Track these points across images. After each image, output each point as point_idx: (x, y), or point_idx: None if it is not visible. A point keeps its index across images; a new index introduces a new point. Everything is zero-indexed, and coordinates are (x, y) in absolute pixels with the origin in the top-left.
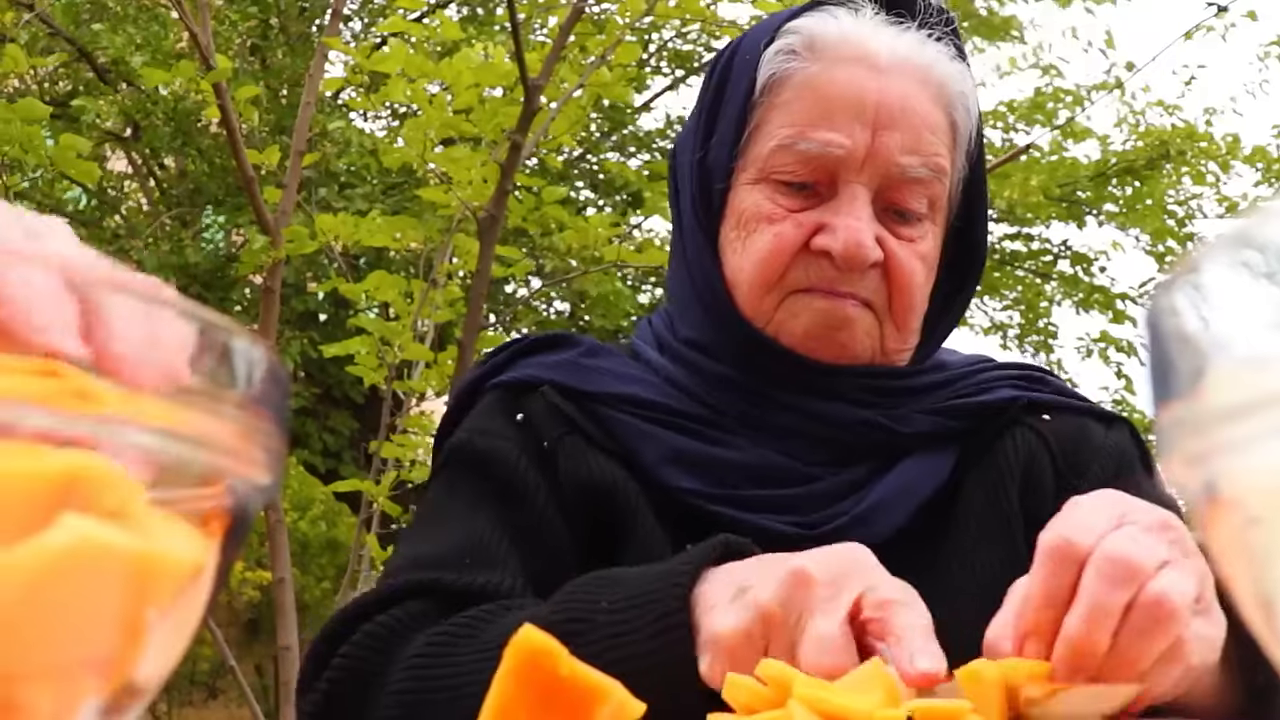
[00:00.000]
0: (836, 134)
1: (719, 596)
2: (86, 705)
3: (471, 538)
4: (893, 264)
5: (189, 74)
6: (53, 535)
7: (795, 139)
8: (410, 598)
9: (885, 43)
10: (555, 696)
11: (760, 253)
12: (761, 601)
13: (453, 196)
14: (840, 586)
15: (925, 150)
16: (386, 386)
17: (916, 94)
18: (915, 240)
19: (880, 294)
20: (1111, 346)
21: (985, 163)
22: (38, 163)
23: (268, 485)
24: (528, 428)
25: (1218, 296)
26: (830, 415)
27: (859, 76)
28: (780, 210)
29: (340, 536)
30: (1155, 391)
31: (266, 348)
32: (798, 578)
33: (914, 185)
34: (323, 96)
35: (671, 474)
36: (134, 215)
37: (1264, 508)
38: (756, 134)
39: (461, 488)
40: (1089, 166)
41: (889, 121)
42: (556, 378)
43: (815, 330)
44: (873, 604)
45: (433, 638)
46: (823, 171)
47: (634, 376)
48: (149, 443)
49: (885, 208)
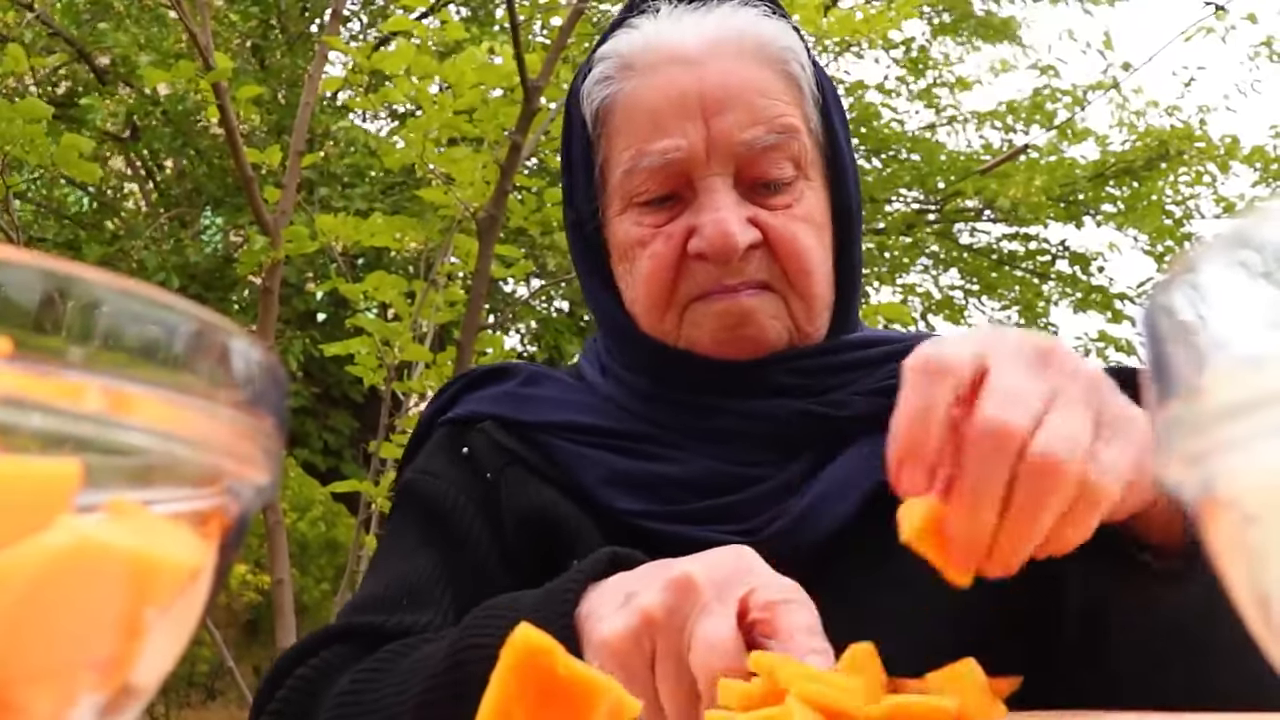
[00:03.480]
0: (670, 139)
1: (605, 605)
2: (85, 706)
3: (410, 578)
4: (772, 237)
5: (189, 74)
6: (51, 536)
7: (636, 158)
8: (339, 641)
9: (690, 32)
10: (553, 695)
11: (644, 277)
12: (645, 606)
13: (452, 197)
14: (724, 588)
15: (765, 116)
16: (386, 387)
17: (738, 67)
18: (791, 205)
19: (772, 271)
20: (1110, 346)
21: (843, 110)
22: (39, 162)
23: (266, 486)
24: (470, 462)
25: (1215, 296)
26: (765, 411)
27: (673, 75)
28: (649, 231)
29: (339, 537)
30: (1153, 390)
31: (265, 348)
32: (681, 582)
33: (769, 154)
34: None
35: (612, 495)
36: (133, 216)
37: (1261, 506)
38: (606, 166)
39: (407, 527)
40: (1087, 167)
41: (717, 106)
42: (496, 410)
43: (721, 333)
44: (759, 605)
45: (355, 675)
46: (675, 178)
47: (573, 402)
48: (147, 443)
49: (751, 185)
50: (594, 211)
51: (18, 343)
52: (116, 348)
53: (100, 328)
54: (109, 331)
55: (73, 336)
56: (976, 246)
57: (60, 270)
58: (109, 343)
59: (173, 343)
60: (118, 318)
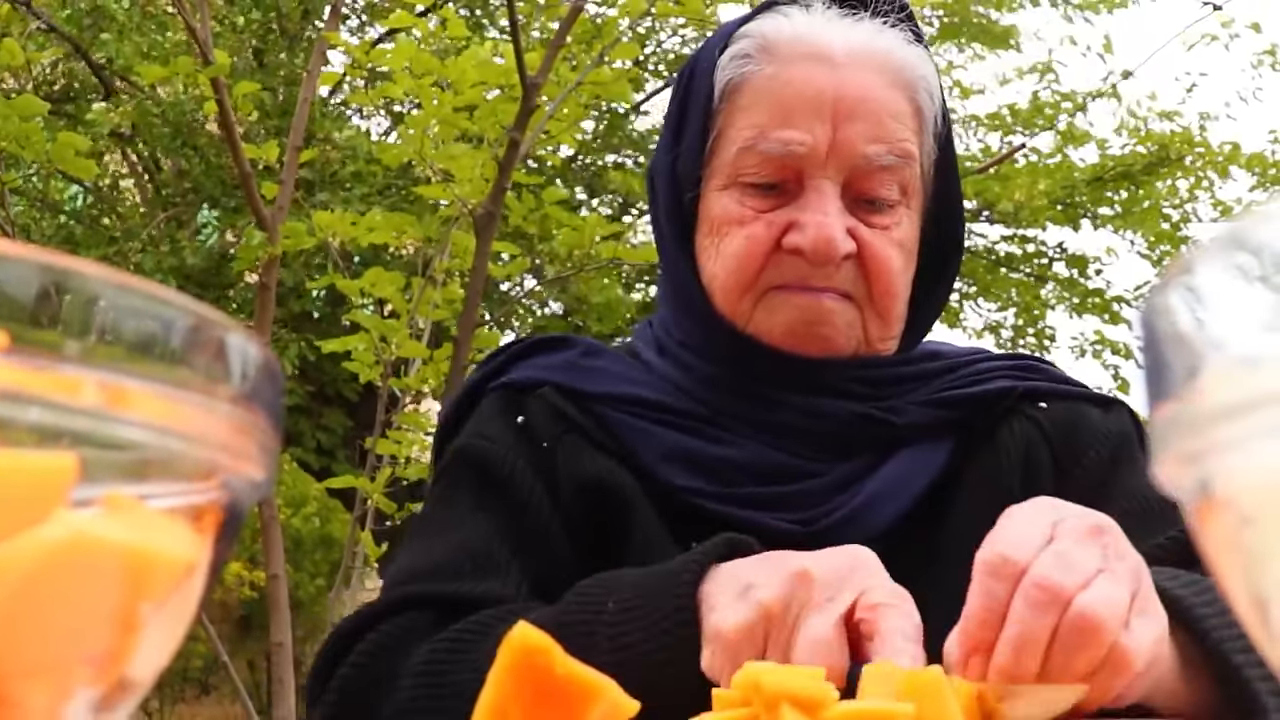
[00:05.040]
0: (796, 132)
1: (724, 594)
2: (80, 700)
3: (472, 544)
4: (867, 254)
5: (187, 69)
6: (47, 530)
7: (757, 141)
8: (410, 609)
9: (838, 36)
10: (550, 695)
11: (733, 255)
12: (765, 600)
13: (451, 193)
14: (839, 587)
15: (889, 137)
16: (383, 383)
17: (875, 83)
18: (890, 228)
19: (858, 284)
20: (1107, 349)
21: (954, 145)
22: (35, 159)
23: (262, 481)
24: (527, 429)
25: (1212, 297)
26: (825, 410)
27: (814, 73)
28: (750, 212)
29: (334, 533)
30: (1150, 391)
31: (261, 344)
32: (800, 577)
33: (882, 173)
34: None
35: (671, 472)
36: (132, 214)
37: (1258, 507)
38: (720, 140)
39: (461, 493)
40: (1086, 170)
41: (848, 114)
42: (556, 378)
43: (795, 326)
44: (866, 606)
45: (437, 644)
46: (788, 170)
47: (633, 377)
48: (143, 438)
49: (856, 198)
50: (696, 180)
51: (14, 337)
52: (113, 342)
53: (97, 322)
54: (106, 326)
55: (69, 331)
56: (974, 249)
57: (57, 264)
58: (106, 337)
59: (169, 338)
60: (115, 312)
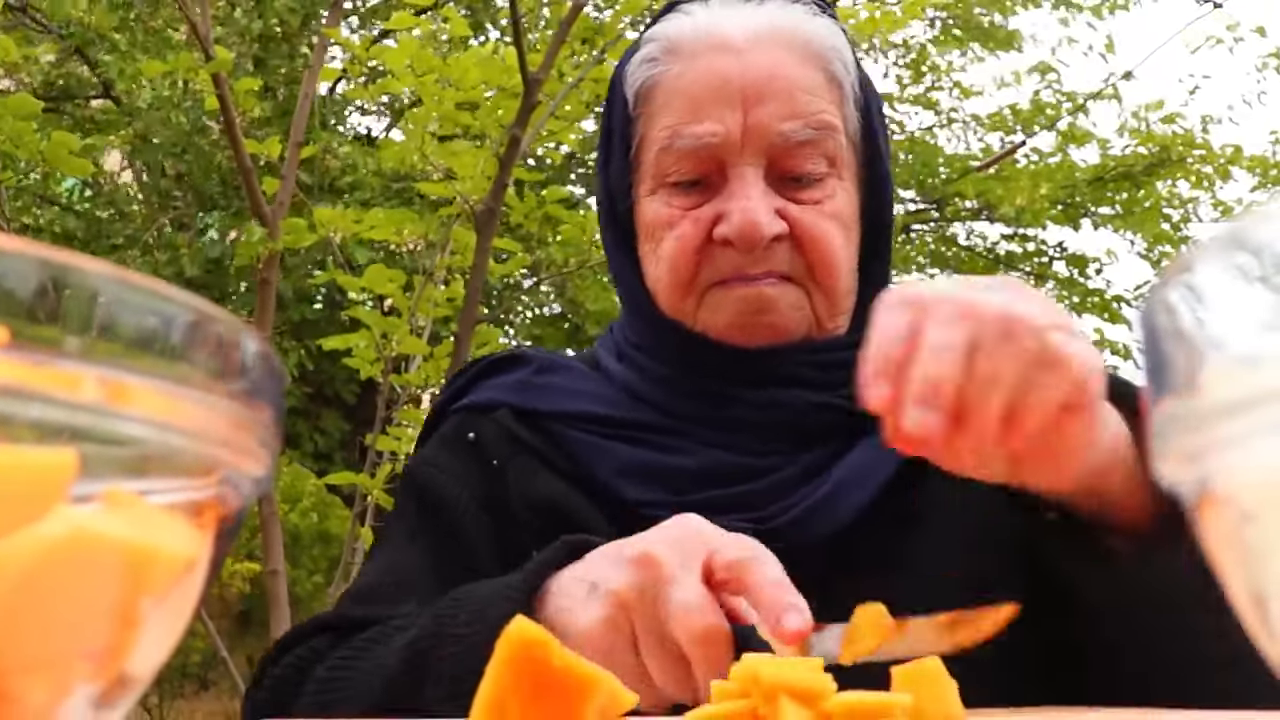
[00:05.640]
0: (708, 124)
1: (573, 598)
2: (80, 696)
3: (400, 570)
4: (799, 231)
5: (188, 64)
6: (47, 526)
7: (672, 140)
8: (325, 631)
9: (740, 22)
10: (548, 687)
11: (667, 258)
12: (614, 589)
13: (452, 190)
14: (686, 554)
15: (803, 112)
16: (384, 380)
17: (783, 61)
18: (821, 201)
19: (796, 264)
20: (1107, 348)
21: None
22: (29, 157)
23: (262, 477)
24: (477, 449)
25: (1212, 296)
26: (780, 400)
27: (718, 62)
28: (677, 212)
29: (332, 529)
30: (1150, 389)
31: (262, 339)
32: (642, 559)
33: (803, 148)
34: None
35: (626, 487)
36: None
37: (1258, 504)
38: (642, 146)
39: (405, 516)
40: (1087, 170)
41: (758, 96)
42: (510, 400)
43: (740, 319)
44: (722, 565)
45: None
46: (709, 163)
47: (587, 391)
48: (143, 434)
49: (782, 178)
50: (627, 189)
51: (14, 332)
52: (113, 338)
53: (97, 318)
54: (106, 321)
55: (70, 326)
56: (974, 248)
57: (57, 260)
58: (106, 333)
59: (170, 333)
60: (115, 308)
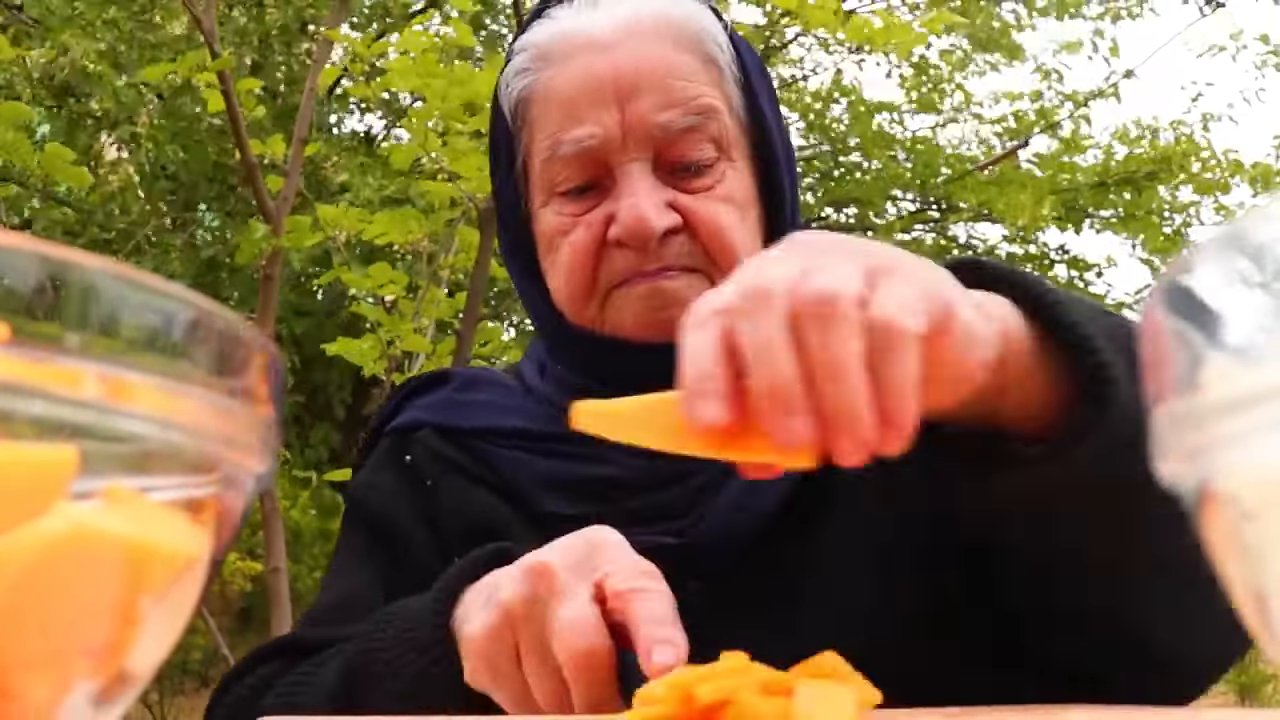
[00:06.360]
0: (585, 126)
1: (474, 604)
2: (80, 693)
3: (350, 592)
4: (693, 220)
5: (191, 64)
6: (48, 523)
7: (554, 148)
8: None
9: (604, 19)
10: None
11: (564, 267)
12: (504, 599)
13: (456, 188)
14: (580, 572)
15: (680, 99)
16: (386, 378)
17: (652, 51)
18: (712, 187)
19: (695, 254)
20: None
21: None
22: (24, 166)
23: (262, 473)
24: (413, 470)
25: (1212, 296)
26: None
27: (588, 62)
28: (569, 220)
29: (333, 527)
30: (1151, 388)
31: (263, 335)
32: (537, 571)
33: (686, 136)
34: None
35: (551, 500)
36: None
37: (1258, 502)
38: (528, 159)
39: (350, 540)
40: (1089, 171)
41: (631, 90)
42: (433, 419)
43: (644, 317)
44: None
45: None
46: (593, 166)
47: (508, 406)
48: (144, 430)
49: (671, 169)
50: (516, 204)
51: (15, 329)
52: (114, 335)
53: (98, 314)
54: (107, 318)
55: (70, 323)
56: (975, 251)
57: (58, 256)
58: (106, 329)
59: (170, 330)
60: (115, 305)
